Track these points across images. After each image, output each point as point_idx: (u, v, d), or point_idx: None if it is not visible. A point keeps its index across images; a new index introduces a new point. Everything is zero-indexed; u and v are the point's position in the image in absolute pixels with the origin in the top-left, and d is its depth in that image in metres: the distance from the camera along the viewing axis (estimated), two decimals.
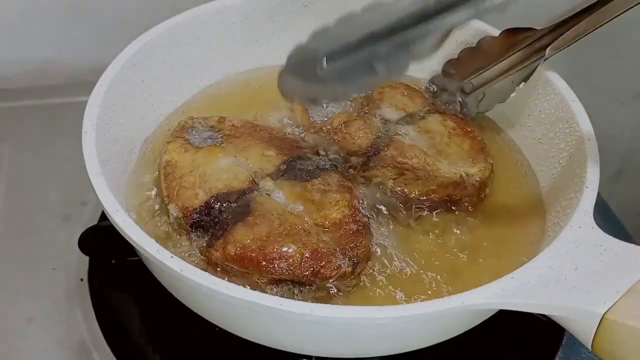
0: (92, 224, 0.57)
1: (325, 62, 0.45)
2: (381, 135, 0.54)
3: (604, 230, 0.43)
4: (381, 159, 0.52)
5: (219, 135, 0.53)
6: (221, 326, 0.45)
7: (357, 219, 0.48)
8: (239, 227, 0.46)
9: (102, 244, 0.54)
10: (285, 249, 0.45)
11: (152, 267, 0.45)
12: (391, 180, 0.51)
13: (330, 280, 0.45)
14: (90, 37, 0.74)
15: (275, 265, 0.44)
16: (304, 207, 0.48)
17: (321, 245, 0.45)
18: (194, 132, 0.53)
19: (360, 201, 0.50)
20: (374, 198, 0.52)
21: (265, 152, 0.51)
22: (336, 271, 0.45)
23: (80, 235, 0.54)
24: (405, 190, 0.51)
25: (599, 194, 0.46)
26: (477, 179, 0.52)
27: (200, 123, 0.54)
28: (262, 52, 0.63)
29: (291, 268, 0.44)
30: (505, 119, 0.59)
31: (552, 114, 0.54)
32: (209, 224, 0.47)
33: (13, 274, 0.55)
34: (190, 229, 0.47)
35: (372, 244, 0.48)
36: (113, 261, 0.55)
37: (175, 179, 0.49)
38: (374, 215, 0.51)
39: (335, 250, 0.46)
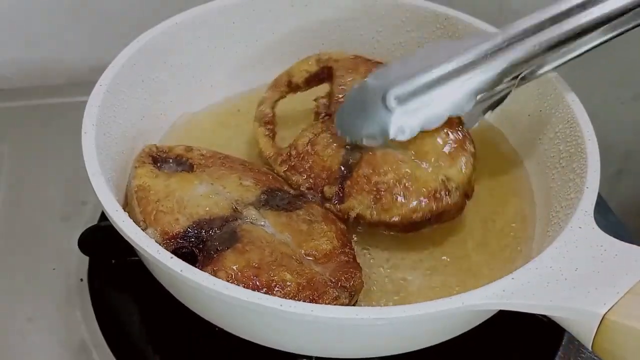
0: (92, 224, 0.57)
1: (392, 98, 0.48)
2: (350, 146, 0.50)
3: (604, 231, 0.43)
4: (355, 183, 0.49)
5: (188, 164, 0.51)
6: (221, 326, 0.45)
7: (347, 250, 0.46)
8: (229, 253, 0.43)
9: (102, 244, 0.54)
10: (280, 277, 0.42)
11: (152, 267, 0.45)
12: (369, 209, 0.48)
13: None
14: (90, 37, 0.74)
15: (271, 294, 0.41)
16: (292, 237, 0.46)
17: (316, 276, 0.44)
18: (160, 159, 0.51)
19: (346, 233, 0.48)
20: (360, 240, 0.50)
21: (243, 182, 0.49)
22: (334, 302, 0.43)
23: (80, 235, 0.54)
24: (386, 218, 0.48)
25: (599, 194, 0.46)
26: (457, 184, 0.48)
27: (164, 152, 0.52)
28: (262, 52, 0.63)
29: (288, 298, 0.42)
30: (505, 119, 0.59)
31: (552, 114, 0.54)
32: (193, 251, 0.44)
33: (13, 274, 0.55)
34: (172, 255, 0.43)
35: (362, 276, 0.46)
36: (113, 261, 0.55)
37: (151, 203, 0.46)
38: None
39: (331, 281, 0.44)
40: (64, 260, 0.56)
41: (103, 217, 0.58)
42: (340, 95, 0.53)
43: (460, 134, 0.50)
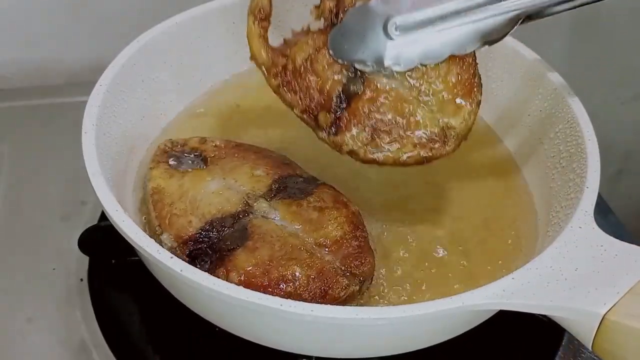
0: (92, 224, 0.57)
1: (395, 25, 0.45)
2: (354, 71, 0.47)
3: (604, 231, 0.43)
4: (353, 116, 0.46)
5: (202, 157, 0.52)
6: (221, 326, 0.45)
7: (358, 234, 0.47)
8: (240, 252, 0.44)
9: (102, 244, 0.54)
10: (290, 272, 0.43)
11: (152, 267, 0.45)
12: (363, 147, 0.47)
13: (339, 301, 0.44)
14: (90, 37, 0.74)
15: (282, 290, 0.43)
16: (303, 227, 0.46)
17: (326, 266, 0.44)
18: (175, 155, 0.52)
19: (358, 215, 0.49)
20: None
21: (254, 172, 0.50)
22: (344, 291, 0.44)
23: (80, 235, 0.54)
24: (377, 158, 0.47)
25: (599, 194, 0.46)
26: (457, 133, 0.47)
27: (180, 145, 0.53)
28: None
29: (298, 291, 0.43)
30: (505, 119, 0.59)
31: (552, 114, 0.54)
32: (207, 252, 0.45)
33: (13, 274, 0.55)
34: (187, 259, 0.45)
35: (375, 259, 0.47)
36: (113, 261, 0.55)
37: (165, 207, 0.48)
38: None
39: (340, 269, 0.45)
40: (64, 260, 0.56)
41: (103, 217, 0.58)
42: (352, 2, 0.47)
43: (471, 78, 0.47)
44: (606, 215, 0.65)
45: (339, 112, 0.47)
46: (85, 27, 0.74)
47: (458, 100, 0.46)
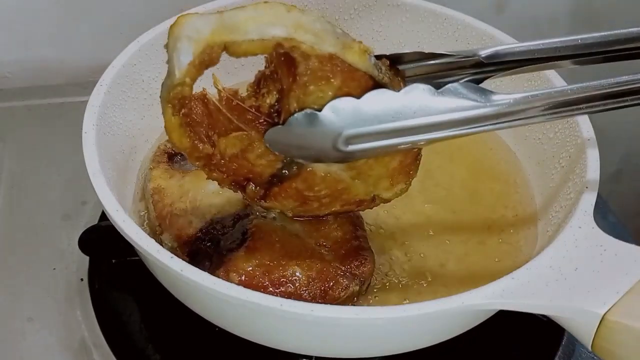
0: (92, 224, 0.57)
1: (345, 139, 0.40)
2: (291, 163, 0.43)
3: (604, 230, 0.43)
4: (283, 191, 0.43)
5: None
6: (221, 326, 0.45)
7: (358, 234, 0.47)
8: (240, 253, 0.45)
9: (102, 244, 0.54)
10: (290, 272, 0.44)
11: (152, 267, 0.45)
12: (291, 211, 0.44)
13: (339, 301, 0.44)
14: (90, 37, 0.74)
15: (282, 290, 0.43)
16: (303, 227, 0.46)
17: (326, 266, 0.44)
18: (176, 155, 0.52)
19: (359, 215, 0.48)
20: None
21: None
22: (345, 291, 0.44)
23: (80, 235, 0.54)
24: (304, 215, 0.45)
25: (599, 194, 0.46)
26: (385, 199, 0.45)
27: None
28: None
29: (298, 291, 0.43)
30: None
31: None
32: (207, 252, 0.46)
33: (13, 274, 0.55)
34: (187, 259, 0.45)
35: (375, 258, 0.47)
36: (113, 261, 0.55)
37: (165, 207, 0.48)
38: None
39: (341, 270, 0.45)
40: (64, 260, 0.56)
41: (103, 217, 0.58)
42: (295, 105, 0.40)
43: (412, 162, 0.44)
44: (606, 215, 0.65)
45: (267, 188, 0.43)
46: (85, 27, 0.74)
47: (394, 180, 0.44)
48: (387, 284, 0.48)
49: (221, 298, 0.39)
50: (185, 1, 0.59)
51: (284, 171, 0.42)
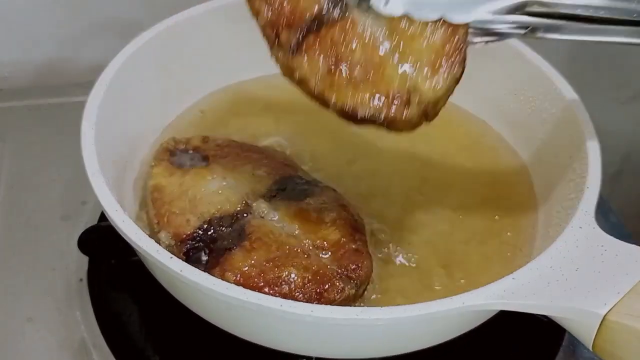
0: (92, 224, 0.57)
1: None
2: (335, 5, 0.42)
3: (605, 231, 0.43)
4: (317, 42, 0.41)
5: (204, 155, 0.52)
6: (221, 326, 0.45)
7: (356, 237, 0.47)
8: (236, 252, 0.44)
9: (102, 244, 0.54)
10: (286, 273, 0.43)
11: (151, 267, 0.45)
12: (314, 77, 0.41)
13: (334, 304, 0.44)
14: (90, 37, 0.74)
15: (277, 291, 0.43)
16: (301, 228, 0.46)
17: (322, 268, 0.44)
18: (177, 153, 0.52)
19: (358, 218, 0.49)
20: None
21: (255, 172, 0.50)
22: (340, 294, 0.44)
23: (80, 235, 0.54)
24: (327, 97, 0.41)
25: (599, 194, 0.46)
26: (422, 99, 0.41)
27: (183, 143, 0.53)
28: (262, 52, 0.63)
29: (293, 292, 0.43)
30: (505, 119, 0.59)
31: (552, 114, 0.54)
32: (204, 251, 0.45)
33: (13, 274, 0.55)
34: (184, 257, 0.45)
35: (373, 263, 0.47)
36: (113, 261, 0.54)
37: (165, 205, 0.48)
38: None
39: (337, 272, 0.44)
40: (64, 260, 0.56)
41: (103, 217, 0.57)
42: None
43: (455, 52, 0.41)
44: (607, 215, 0.64)
45: (303, 34, 0.41)
46: (85, 27, 0.74)
47: (435, 65, 0.41)
48: (387, 284, 0.48)
49: (221, 298, 0.39)
50: (185, 1, 0.59)
51: (326, 13, 0.41)
